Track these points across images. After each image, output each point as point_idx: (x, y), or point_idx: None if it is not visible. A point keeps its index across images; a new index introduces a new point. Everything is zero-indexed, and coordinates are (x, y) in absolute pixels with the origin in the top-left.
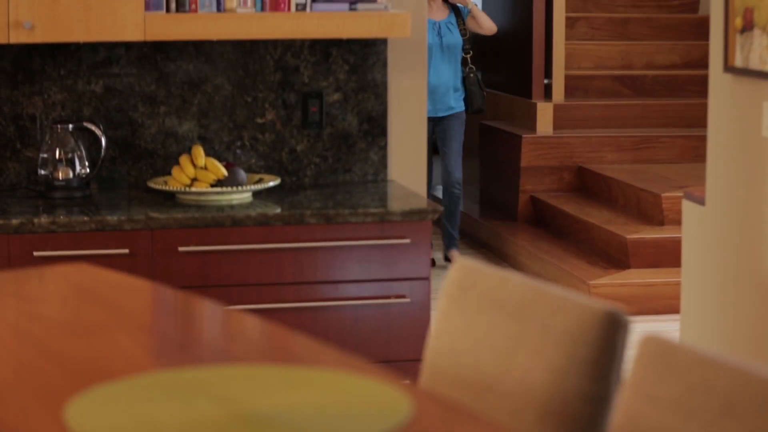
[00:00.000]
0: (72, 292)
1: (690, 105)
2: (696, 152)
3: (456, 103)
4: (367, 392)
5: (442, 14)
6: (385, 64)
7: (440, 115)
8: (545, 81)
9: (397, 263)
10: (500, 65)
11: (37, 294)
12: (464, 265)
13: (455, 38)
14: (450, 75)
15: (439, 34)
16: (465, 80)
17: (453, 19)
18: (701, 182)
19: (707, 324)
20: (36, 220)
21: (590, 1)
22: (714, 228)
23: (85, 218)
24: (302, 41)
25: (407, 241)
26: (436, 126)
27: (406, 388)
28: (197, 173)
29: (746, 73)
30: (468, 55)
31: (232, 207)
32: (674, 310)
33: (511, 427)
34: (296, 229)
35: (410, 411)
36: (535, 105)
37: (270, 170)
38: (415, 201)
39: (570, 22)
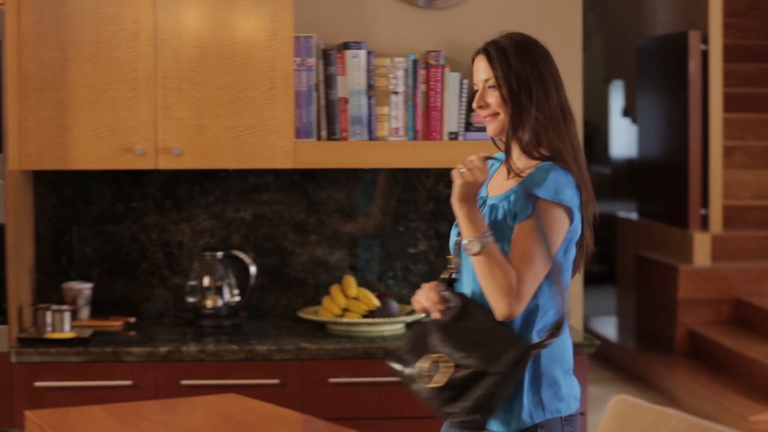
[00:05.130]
0: (222, 422)
1: None
2: None
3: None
4: None
5: (502, 183)
6: None
7: None
8: (702, 211)
9: None
10: (656, 194)
11: (185, 424)
12: (622, 400)
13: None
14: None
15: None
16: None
17: (519, 197)
18: None
19: None
20: (184, 349)
21: (747, 129)
22: None
23: (234, 347)
24: None
25: None
26: None
27: None
28: (348, 303)
29: None
30: None
31: (383, 338)
32: None
33: None
34: None
35: None
36: (691, 236)
37: None
38: (572, 335)
39: (727, 151)
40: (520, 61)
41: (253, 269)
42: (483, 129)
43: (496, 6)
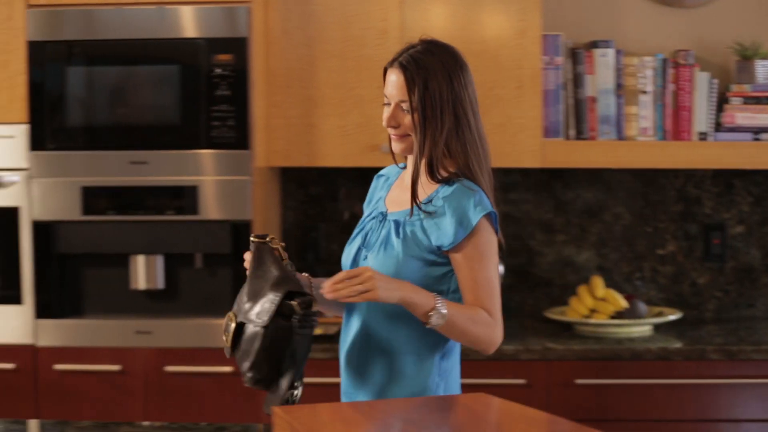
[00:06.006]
0: (471, 421)
1: None
2: None
3: None
4: None
5: (402, 197)
6: None
7: None
8: None
9: None
10: None
11: (434, 422)
12: None
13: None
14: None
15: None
16: None
17: (444, 218)
18: None
19: None
20: None
21: None
22: None
23: None
24: (704, 171)
25: None
26: None
27: None
28: (596, 304)
29: None
30: None
31: (631, 340)
32: None
33: None
34: (697, 364)
35: None
36: None
37: (669, 303)
38: None
39: None
40: (438, 87)
41: (500, 268)
42: (734, 129)
43: (746, 4)
